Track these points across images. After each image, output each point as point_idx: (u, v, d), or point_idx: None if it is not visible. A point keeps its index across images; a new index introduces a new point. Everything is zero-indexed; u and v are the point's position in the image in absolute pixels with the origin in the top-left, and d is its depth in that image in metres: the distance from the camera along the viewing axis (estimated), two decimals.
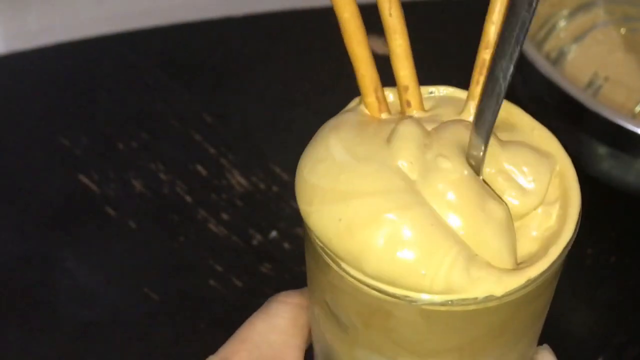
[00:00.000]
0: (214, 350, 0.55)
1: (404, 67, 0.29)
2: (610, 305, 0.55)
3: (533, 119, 0.30)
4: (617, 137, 0.52)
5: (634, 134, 0.51)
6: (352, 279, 0.26)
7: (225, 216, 0.59)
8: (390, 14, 0.28)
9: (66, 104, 0.65)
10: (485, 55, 0.28)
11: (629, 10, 0.64)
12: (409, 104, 0.29)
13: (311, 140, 0.29)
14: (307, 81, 0.66)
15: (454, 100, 0.30)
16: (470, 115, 0.28)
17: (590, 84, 0.60)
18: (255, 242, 0.57)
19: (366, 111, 0.29)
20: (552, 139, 0.29)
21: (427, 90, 0.30)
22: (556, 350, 0.32)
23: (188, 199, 0.59)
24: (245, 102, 0.65)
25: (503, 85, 0.26)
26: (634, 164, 0.54)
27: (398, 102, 0.29)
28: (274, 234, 0.58)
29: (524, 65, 0.55)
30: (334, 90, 0.64)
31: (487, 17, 0.27)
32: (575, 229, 0.27)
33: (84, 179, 0.60)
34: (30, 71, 0.67)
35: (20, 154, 0.62)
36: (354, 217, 0.26)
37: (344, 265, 0.27)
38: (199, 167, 0.61)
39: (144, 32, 0.69)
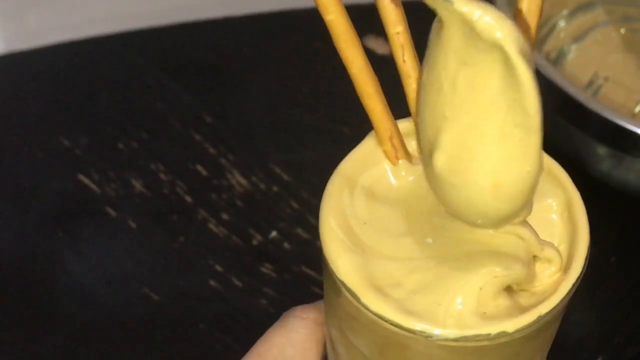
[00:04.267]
0: (214, 350, 0.56)
1: None
2: (610, 305, 0.55)
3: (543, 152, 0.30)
4: (617, 137, 0.52)
5: (634, 134, 0.51)
6: (370, 313, 0.27)
7: (225, 216, 0.59)
8: (404, 60, 0.29)
9: (66, 104, 0.65)
10: None
11: (629, 11, 0.64)
12: None
13: (334, 182, 0.30)
14: (307, 81, 0.66)
15: None
16: None
17: (590, 84, 0.60)
18: (255, 242, 0.57)
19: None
20: (561, 172, 0.30)
21: None
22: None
23: (188, 199, 0.59)
24: (245, 102, 0.65)
25: None
26: (634, 164, 0.54)
27: None
28: (274, 234, 0.58)
29: None
30: (334, 90, 0.64)
31: None
32: (584, 265, 0.28)
33: (84, 179, 0.60)
34: (30, 71, 0.67)
35: (20, 154, 0.62)
36: (381, 275, 0.28)
37: (363, 300, 0.27)
38: (199, 167, 0.61)
39: (144, 32, 0.69)
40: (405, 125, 0.30)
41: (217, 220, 0.58)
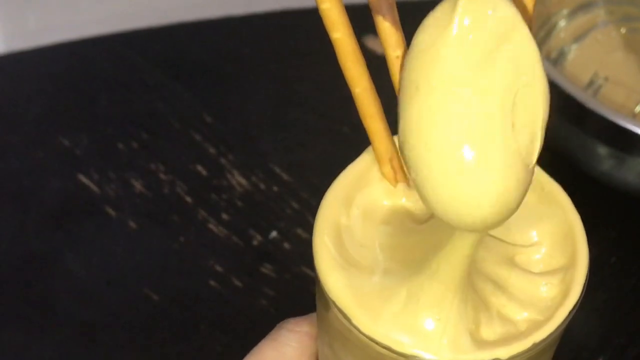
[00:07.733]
0: (214, 350, 0.56)
1: None
2: (610, 305, 0.55)
3: (542, 171, 0.29)
4: (617, 137, 0.52)
5: (634, 134, 0.51)
6: (362, 336, 0.27)
7: (225, 216, 0.59)
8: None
9: (66, 104, 0.65)
10: None
11: (629, 10, 0.64)
12: None
13: (329, 198, 0.29)
14: (307, 81, 0.66)
15: None
16: None
17: (590, 84, 0.60)
18: (255, 242, 0.57)
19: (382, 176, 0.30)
20: (562, 195, 0.29)
21: None
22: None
23: (188, 199, 0.59)
24: (245, 102, 0.65)
25: None
26: (634, 164, 0.54)
27: None
28: (274, 234, 0.58)
29: None
30: (334, 90, 0.64)
31: None
32: (581, 293, 0.28)
33: (84, 179, 0.60)
34: (30, 71, 0.67)
35: (20, 154, 0.62)
36: (373, 291, 0.27)
37: (354, 322, 0.27)
38: (199, 167, 0.61)
39: (144, 32, 0.69)
40: None
41: (217, 220, 0.58)
